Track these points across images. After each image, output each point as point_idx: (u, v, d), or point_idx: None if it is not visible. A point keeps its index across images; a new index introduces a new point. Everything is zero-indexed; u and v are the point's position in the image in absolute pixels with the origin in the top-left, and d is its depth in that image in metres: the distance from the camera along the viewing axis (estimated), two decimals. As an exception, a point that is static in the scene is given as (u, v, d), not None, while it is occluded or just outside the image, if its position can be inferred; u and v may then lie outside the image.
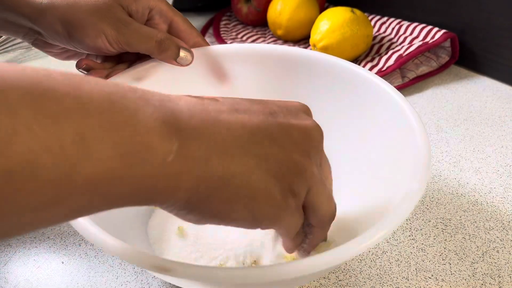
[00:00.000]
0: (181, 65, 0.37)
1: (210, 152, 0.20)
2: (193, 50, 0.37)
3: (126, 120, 0.17)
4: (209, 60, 0.39)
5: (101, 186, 0.16)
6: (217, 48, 0.39)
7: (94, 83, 0.17)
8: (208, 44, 0.39)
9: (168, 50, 0.35)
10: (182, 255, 0.31)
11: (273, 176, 0.21)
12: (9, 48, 0.72)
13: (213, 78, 0.40)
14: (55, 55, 0.39)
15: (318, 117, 0.27)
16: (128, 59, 0.39)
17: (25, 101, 0.14)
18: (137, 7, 0.35)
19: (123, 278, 0.33)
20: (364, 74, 0.34)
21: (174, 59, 0.36)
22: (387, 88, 0.32)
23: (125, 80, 0.36)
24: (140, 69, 0.37)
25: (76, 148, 0.15)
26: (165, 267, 0.20)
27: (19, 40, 0.74)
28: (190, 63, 0.37)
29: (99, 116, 0.16)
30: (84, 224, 0.22)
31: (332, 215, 0.26)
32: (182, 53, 0.36)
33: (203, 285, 0.23)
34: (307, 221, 0.25)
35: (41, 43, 0.37)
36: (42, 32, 0.35)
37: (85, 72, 0.37)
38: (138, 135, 0.17)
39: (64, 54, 0.39)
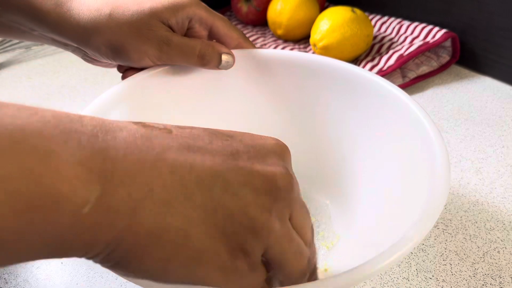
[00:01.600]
0: (224, 69, 0.37)
1: (140, 201, 0.16)
2: (234, 52, 0.37)
3: (31, 167, 0.14)
4: (248, 63, 0.39)
5: None
6: (259, 51, 0.39)
7: (2, 113, 0.14)
8: (250, 42, 0.39)
9: (211, 62, 0.35)
10: None
11: (220, 232, 0.18)
12: (9, 48, 0.72)
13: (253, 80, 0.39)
14: (105, 66, 0.39)
15: (339, 126, 0.24)
16: None
17: None
18: (177, 20, 0.34)
19: (122, 279, 0.33)
20: (388, 87, 0.33)
21: (217, 67, 0.36)
22: (412, 105, 0.30)
23: (162, 78, 0.35)
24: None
25: None
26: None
27: (18, 40, 0.73)
28: (232, 66, 0.37)
29: None
30: None
31: (302, 271, 0.22)
32: (224, 58, 0.36)
33: None
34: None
35: (90, 59, 0.38)
36: (88, 53, 0.36)
37: None
38: (43, 185, 0.14)
39: (112, 66, 0.40)
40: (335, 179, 0.37)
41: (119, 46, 0.34)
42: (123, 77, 0.38)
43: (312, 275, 0.25)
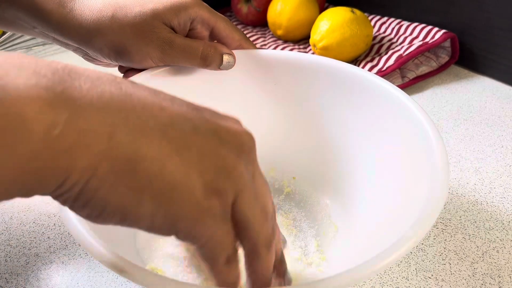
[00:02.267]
0: (225, 69, 0.37)
1: (116, 126, 0.16)
2: (235, 52, 0.37)
3: None
4: (249, 63, 0.39)
5: None
6: (260, 52, 0.39)
7: None
8: (251, 43, 0.39)
9: (213, 63, 0.36)
10: (168, 262, 0.31)
11: (194, 168, 0.18)
12: (10, 49, 0.72)
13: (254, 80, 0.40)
14: (105, 65, 0.40)
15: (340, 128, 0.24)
16: None
17: None
18: (179, 21, 0.35)
19: (123, 278, 0.33)
20: (391, 89, 0.33)
21: (219, 67, 0.36)
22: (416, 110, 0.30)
23: (162, 77, 0.36)
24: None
25: None
26: (122, 268, 0.19)
27: (19, 40, 0.74)
28: (233, 66, 0.37)
29: None
30: (71, 218, 0.22)
31: (268, 239, 0.20)
32: (226, 59, 0.36)
33: None
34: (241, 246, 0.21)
35: (91, 59, 0.38)
36: (90, 53, 0.36)
37: None
38: (7, 108, 0.14)
39: (113, 65, 0.40)
40: (335, 179, 0.37)
41: (121, 48, 0.34)
42: (125, 77, 0.38)
43: (280, 265, 0.24)
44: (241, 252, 0.21)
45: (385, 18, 0.68)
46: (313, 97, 0.38)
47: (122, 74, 0.38)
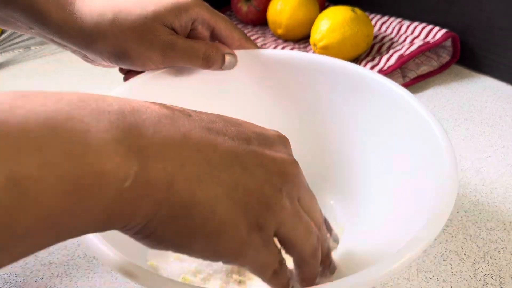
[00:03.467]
0: (227, 69, 0.37)
1: (175, 175, 0.18)
2: (236, 52, 0.37)
3: (71, 149, 0.15)
4: (251, 63, 0.38)
5: (47, 229, 0.15)
6: (262, 51, 0.39)
7: (30, 103, 0.15)
8: (252, 42, 0.39)
9: (215, 63, 0.36)
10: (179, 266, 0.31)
11: (240, 207, 0.20)
12: (8, 48, 0.72)
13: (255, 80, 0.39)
14: (105, 66, 0.39)
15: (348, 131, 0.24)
16: None
17: None
18: (180, 22, 0.34)
19: (122, 279, 0.33)
20: (399, 91, 0.32)
21: (221, 68, 0.36)
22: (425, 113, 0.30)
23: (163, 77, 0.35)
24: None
25: (9, 196, 0.13)
26: (131, 273, 0.20)
27: (17, 40, 0.73)
28: (235, 66, 0.37)
29: (35, 150, 0.14)
30: None
31: (313, 249, 0.23)
32: (227, 59, 0.36)
33: None
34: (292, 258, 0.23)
35: (90, 60, 0.38)
36: (89, 56, 0.36)
37: None
38: (87, 164, 0.15)
39: (112, 67, 0.40)
40: (339, 180, 0.37)
41: (122, 52, 0.33)
42: (125, 79, 0.38)
43: (326, 259, 0.26)
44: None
45: (385, 18, 0.67)
46: (316, 97, 0.37)
47: (124, 75, 0.38)
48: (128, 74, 0.37)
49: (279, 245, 0.23)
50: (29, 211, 0.14)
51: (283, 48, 0.66)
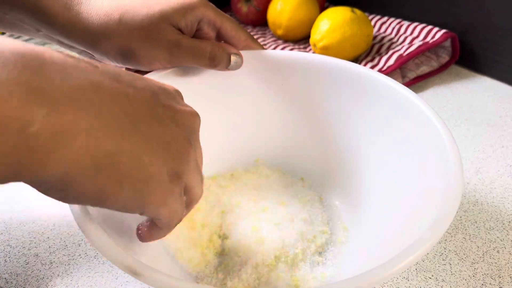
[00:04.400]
0: (233, 69, 0.37)
1: (92, 124, 0.17)
2: (242, 52, 0.37)
3: None
4: (257, 63, 0.38)
5: None
6: (268, 52, 0.39)
7: None
8: (258, 43, 0.39)
9: (221, 63, 0.36)
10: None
11: (161, 158, 0.20)
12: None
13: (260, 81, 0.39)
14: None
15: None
16: None
17: None
18: (186, 22, 0.34)
19: (122, 279, 0.33)
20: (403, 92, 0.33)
21: (226, 68, 0.36)
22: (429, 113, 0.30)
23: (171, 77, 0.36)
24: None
25: None
26: (135, 270, 0.20)
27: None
28: (241, 66, 0.37)
29: None
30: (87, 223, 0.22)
31: (200, 197, 0.25)
32: (233, 59, 0.36)
33: None
34: None
35: (96, 60, 0.37)
36: (96, 56, 0.36)
37: None
38: None
39: (119, 66, 0.40)
40: (344, 180, 0.37)
41: (128, 52, 0.34)
42: None
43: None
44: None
45: (385, 18, 0.67)
46: (322, 98, 0.37)
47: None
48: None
49: None
50: None
51: (283, 48, 0.66)
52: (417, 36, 0.61)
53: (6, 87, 0.15)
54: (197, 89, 0.37)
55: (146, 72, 0.36)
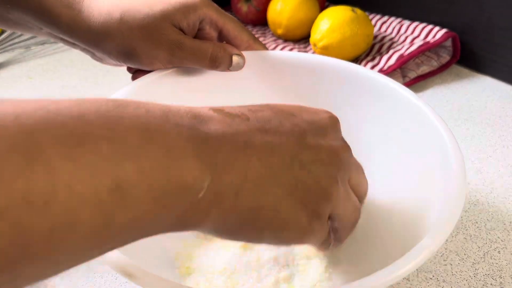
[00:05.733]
0: (234, 70, 0.37)
1: (240, 185, 0.20)
2: (244, 53, 0.37)
3: (160, 159, 0.17)
4: (259, 64, 0.38)
5: (134, 229, 0.17)
6: (270, 53, 0.38)
7: (128, 116, 0.17)
8: (260, 43, 0.39)
9: (222, 64, 0.36)
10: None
11: (300, 202, 0.21)
12: (8, 48, 0.72)
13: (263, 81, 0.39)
14: (114, 65, 0.39)
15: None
16: None
17: (61, 153, 0.14)
18: (188, 22, 0.34)
19: (122, 279, 0.33)
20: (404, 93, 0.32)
21: (228, 69, 0.36)
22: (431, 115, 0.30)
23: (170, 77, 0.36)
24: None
25: (112, 198, 0.15)
26: (129, 272, 0.20)
27: (17, 40, 0.73)
28: (242, 67, 0.37)
29: (134, 159, 0.16)
30: None
31: (355, 222, 0.26)
32: (235, 60, 0.36)
33: None
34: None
35: (98, 59, 0.37)
36: (98, 55, 0.36)
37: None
38: (172, 176, 0.17)
39: (120, 65, 0.40)
40: None
41: (130, 51, 0.33)
42: (133, 78, 0.38)
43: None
44: None
45: (386, 18, 0.67)
46: (324, 99, 0.37)
47: (131, 74, 0.38)
48: (136, 73, 0.37)
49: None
50: (125, 212, 0.16)
51: (283, 48, 0.66)
52: (418, 36, 0.61)
53: (190, 161, 0.18)
54: (198, 90, 0.37)
55: (148, 72, 0.36)
